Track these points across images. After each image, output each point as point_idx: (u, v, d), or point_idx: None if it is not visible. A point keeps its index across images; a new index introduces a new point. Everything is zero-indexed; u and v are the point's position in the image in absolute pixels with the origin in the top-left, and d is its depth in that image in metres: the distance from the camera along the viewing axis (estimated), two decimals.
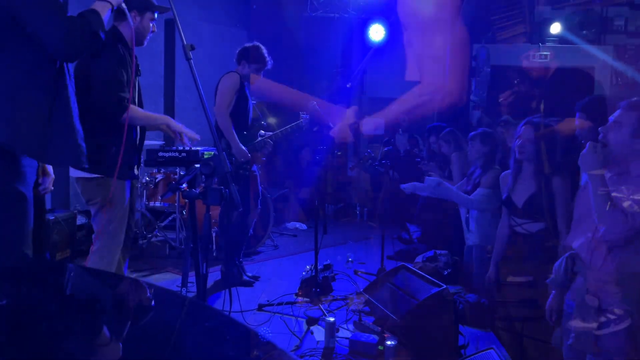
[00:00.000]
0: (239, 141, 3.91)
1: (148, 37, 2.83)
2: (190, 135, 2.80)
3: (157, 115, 2.89)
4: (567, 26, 7.27)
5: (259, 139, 4.12)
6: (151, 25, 2.78)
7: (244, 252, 4.97)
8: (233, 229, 4.15)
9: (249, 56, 4.00)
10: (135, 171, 2.81)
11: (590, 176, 2.05)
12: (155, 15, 2.79)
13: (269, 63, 4.06)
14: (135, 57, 2.79)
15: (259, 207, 4.33)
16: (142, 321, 1.09)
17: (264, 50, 4.03)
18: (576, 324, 2.11)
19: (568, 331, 2.13)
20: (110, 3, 2.08)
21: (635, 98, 2.07)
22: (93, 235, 2.70)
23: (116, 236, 2.72)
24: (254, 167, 4.18)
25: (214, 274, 4.27)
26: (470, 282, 3.85)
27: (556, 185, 2.89)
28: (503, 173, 3.25)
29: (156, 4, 2.78)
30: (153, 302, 1.22)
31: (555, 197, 2.88)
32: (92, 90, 2.55)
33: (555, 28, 7.20)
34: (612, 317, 2.00)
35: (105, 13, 2.05)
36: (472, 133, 3.97)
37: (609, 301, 2.01)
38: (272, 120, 5.75)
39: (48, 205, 4.45)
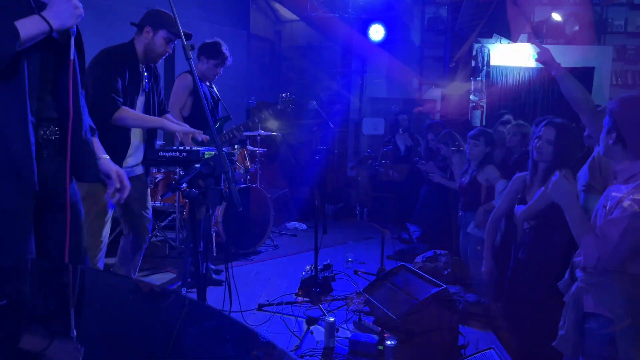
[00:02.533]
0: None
1: (161, 56, 2.86)
2: (188, 133, 2.84)
3: (152, 117, 2.89)
4: (567, 26, 7.28)
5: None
6: (164, 43, 2.80)
7: (243, 252, 4.98)
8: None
9: (207, 52, 3.95)
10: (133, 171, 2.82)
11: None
12: (172, 37, 2.82)
13: (229, 59, 3.99)
14: (144, 73, 2.83)
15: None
16: (142, 321, 1.09)
17: (223, 47, 3.96)
18: (563, 321, 2.10)
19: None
20: (49, 24, 1.64)
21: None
22: None
23: (93, 234, 2.70)
24: None
25: None
26: (470, 280, 3.85)
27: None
28: (516, 175, 3.15)
29: (177, 28, 2.78)
30: (153, 302, 1.22)
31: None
32: (89, 92, 2.60)
33: (555, 28, 7.20)
34: (592, 319, 1.94)
35: (33, 32, 1.62)
36: (473, 132, 3.95)
37: (589, 303, 1.95)
38: (272, 124, 5.72)
39: None
